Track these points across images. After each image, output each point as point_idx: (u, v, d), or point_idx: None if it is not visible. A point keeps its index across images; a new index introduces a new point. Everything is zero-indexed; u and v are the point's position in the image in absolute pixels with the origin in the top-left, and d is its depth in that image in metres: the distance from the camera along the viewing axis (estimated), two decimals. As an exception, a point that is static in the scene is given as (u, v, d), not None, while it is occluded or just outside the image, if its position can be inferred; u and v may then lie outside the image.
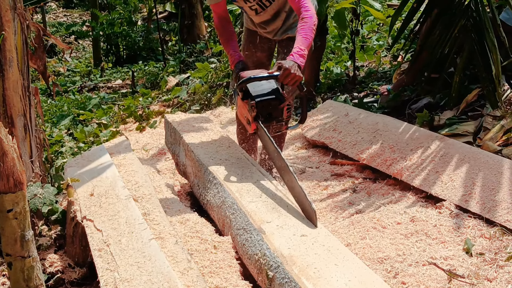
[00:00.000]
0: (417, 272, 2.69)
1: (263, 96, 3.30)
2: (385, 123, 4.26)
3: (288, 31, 3.86)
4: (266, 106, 3.30)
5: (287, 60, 3.28)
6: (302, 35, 3.36)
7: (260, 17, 3.85)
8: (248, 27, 4.13)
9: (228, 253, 2.92)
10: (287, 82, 3.28)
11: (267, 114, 3.32)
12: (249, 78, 3.33)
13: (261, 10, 3.78)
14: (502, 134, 3.97)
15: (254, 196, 3.08)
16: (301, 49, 3.32)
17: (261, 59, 4.12)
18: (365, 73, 6.82)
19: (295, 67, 3.25)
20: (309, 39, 3.37)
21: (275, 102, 3.31)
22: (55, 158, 5.40)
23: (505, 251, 2.78)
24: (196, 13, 11.38)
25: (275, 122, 3.36)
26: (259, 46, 4.09)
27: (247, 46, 4.13)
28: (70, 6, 19.05)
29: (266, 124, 3.32)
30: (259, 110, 3.29)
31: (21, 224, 2.34)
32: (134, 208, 3.08)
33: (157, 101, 7.59)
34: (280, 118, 3.36)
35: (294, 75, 3.24)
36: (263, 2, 3.72)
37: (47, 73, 4.17)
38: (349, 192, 3.80)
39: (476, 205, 3.17)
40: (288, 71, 3.23)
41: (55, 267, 3.09)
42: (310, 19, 3.39)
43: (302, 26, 3.38)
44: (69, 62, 12.29)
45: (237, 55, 3.69)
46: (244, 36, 4.20)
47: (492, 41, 4.02)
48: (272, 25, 3.89)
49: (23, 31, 3.53)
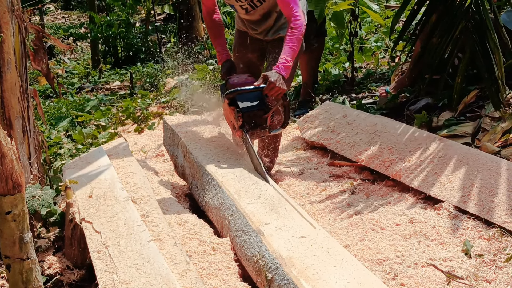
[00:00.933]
0: (416, 273, 2.69)
1: (249, 108, 3.52)
2: (383, 124, 4.26)
3: (279, 31, 3.92)
4: (251, 117, 3.53)
5: (273, 72, 3.47)
6: (290, 46, 3.53)
7: (250, 16, 3.91)
8: (239, 28, 4.19)
9: (226, 254, 2.92)
10: (272, 95, 3.51)
11: (252, 122, 3.53)
12: (236, 90, 3.53)
13: (251, 9, 3.84)
14: (500, 135, 3.97)
15: (253, 197, 3.08)
16: (287, 61, 3.50)
17: (252, 59, 4.19)
18: (363, 75, 6.82)
19: (280, 79, 3.46)
20: (295, 50, 3.55)
21: (260, 112, 3.54)
22: (54, 160, 5.39)
23: (504, 253, 2.78)
24: (194, 15, 11.39)
25: (259, 129, 3.58)
26: (250, 47, 4.15)
27: (238, 47, 4.19)
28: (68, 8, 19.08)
29: (251, 132, 3.54)
30: (245, 120, 3.52)
31: (20, 226, 2.33)
32: (133, 210, 3.08)
33: (156, 102, 7.58)
34: (264, 125, 3.59)
35: (279, 88, 3.45)
36: (254, 2, 3.78)
37: (50, 74, 4.18)
38: (348, 193, 3.80)
39: (475, 206, 3.17)
40: (273, 85, 3.44)
41: (54, 269, 3.09)
42: (299, 29, 3.55)
43: (290, 36, 3.54)
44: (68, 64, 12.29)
45: (224, 53, 3.88)
46: (235, 37, 4.27)
47: (494, 42, 4.01)
48: (263, 25, 3.94)
49: (21, 33, 3.52)
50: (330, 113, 4.82)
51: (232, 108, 3.54)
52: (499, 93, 4.06)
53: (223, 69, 3.87)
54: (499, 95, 4.07)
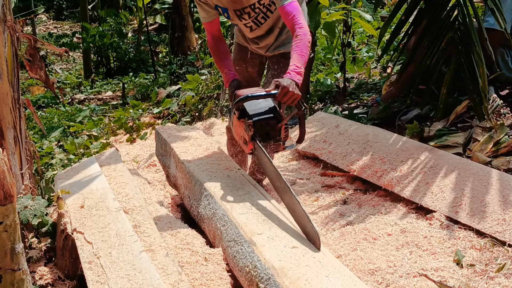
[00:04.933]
0: (408, 283, 2.69)
1: (260, 115, 3.20)
2: (375, 135, 4.28)
3: (280, 47, 3.81)
4: (263, 126, 3.20)
5: (285, 78, 3.19)
6: (298, 53, 3.29)
7: (254, 34, 3.80)
8: (239, 42, 4.08)
9: (219, 265, 2.91)
10: (285, 101, 3.17)
11: (265, 133, 3.22)
12: (247, 97, 3.22)
13: (256, 27, 3.73)
14: (491, 146, 3.99)
15: (245, 207, 3.08)
16: (298, 67, 3.25)
17: (252, 74, 4.07)
18: (355, 85, 6.85)
19: (293, 85, 3.16)
20: (305, 57, 3.31)
21: (273, 121, 3.22)
22: (45, 170, 5.38)
23: (495, 262, 2.78)
24: (187, 25, 11.42)
25: (272, 141, 3.26)
26: (250, 61, 4.05)
27: (238, 61, 4.06)
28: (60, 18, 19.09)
29: (264, 144, 3.22)
30: (257, 130, 3.19)
31: (11, 237, 2.32)
32: (125, 220, 3.07)
33: (148, 112, 7.59)
34: (277, 137, 3.26)
35: (293, 93, 3.14)
36: (259, 19, 3.66)
37: (50, 80, 4.16)
38: (340, 203, 3.80)
39: (467, 216, 3.18)
40: (287, 89, 3.13)
41: (45, 280, 3.07)
42: (304, 36, 3.33)
43: (297, 43, 3.32)
44: (59, 74, 12.28)
45: (231, 74, 3.62)
46: (234, 51, 4.14)
47: (478, 55, 4.05)
48: (265, 40, 3.83)
49: (13, 43, 3.52)
50: (322, 123, 4.83)
51: (242, 121, 3.24)
52: (482, 105, 4.10)
53: (231, 88, 3.55)
54: (482, 107, 4.11)
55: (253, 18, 3.65)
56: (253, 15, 3.63)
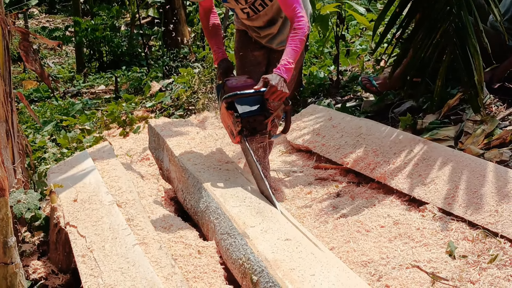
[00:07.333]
0: (401, 275, 2.70)
1: (249, 113, 3.32)
2: (368, 127, 4.28)
3: (284, 43, 3.66)
4: (251, 122, 3.33)
5: (274, 75, 3.25)
6: (292, 47, 3.32)
7: (252, 22, 3.76)
8: (239, 28, 4.02)
9: (212, 258, 2.92)
10: (273, 99, 3.28)
11: (252, 128, 3.35)
12: (235, 94, 3.33)
13: (253, 14, 3.68)
14: (483, 138, 3.99)
15: (238, 200, 3.08)
16: (289, 62, 3.29)
17: (258, 57, 4.00)
18: (348, 78, 6.84)
19: (281, 82, 3.23)
20: (298, 51, 3.34)
21: (260, 117, 3.35)
22: (38, 164, 5.37)
23: (487, 254, 2.79)
24: (179, 18, 11.36)
25: (259, 135, 3.39)
26: (254, 45, 3.97)
27: (241, 46, 4.01)
28: (52, 12, 19.02)
29: (250, 137, 3.36)
30: (244, 125, 3.32)
31: (4, 230, 2.32)
32: (118, 214, 3.07)
33: (141, 106, 7.57)
34: (264, 131, 3.40)
35: (281, 92, 3.23)
36: (256, 6, 3.62)
37: (45, 72, 4.15)
38: (333, 196, 3.80)
39: (459, 208, 3.19)
40: (275, 88, 3.21)
41: (39, 274, 3.07)
42: (302, 30, 3.35)
43: (293, 37, 3.34)
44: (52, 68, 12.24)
45: (221, 53, 3.66)
46: (235, 38, 4.09)
47: (474, 47, 4.03)
48: (266, 31, 3.78)
49: (4, 37, 3.51)
50: (315, 116, 4.83)
51: (230, 112, 3.35)
52: (477, 98, 4.09)
53: (219, 69, 3.66)
54: (478, 100, 4.10)
55: (250, 3, 3.61)
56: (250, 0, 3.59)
